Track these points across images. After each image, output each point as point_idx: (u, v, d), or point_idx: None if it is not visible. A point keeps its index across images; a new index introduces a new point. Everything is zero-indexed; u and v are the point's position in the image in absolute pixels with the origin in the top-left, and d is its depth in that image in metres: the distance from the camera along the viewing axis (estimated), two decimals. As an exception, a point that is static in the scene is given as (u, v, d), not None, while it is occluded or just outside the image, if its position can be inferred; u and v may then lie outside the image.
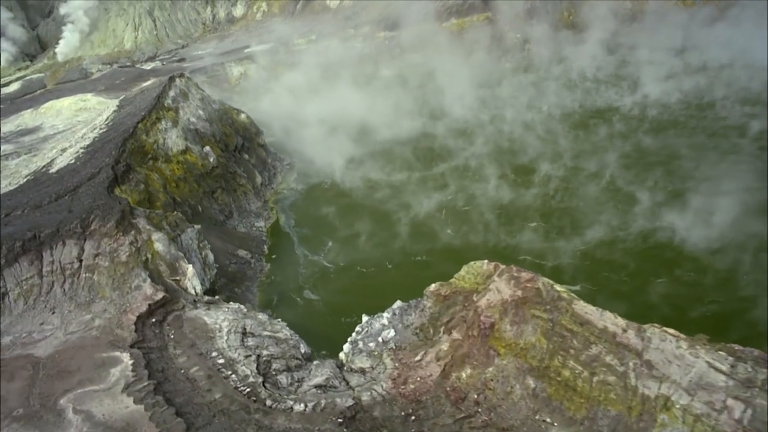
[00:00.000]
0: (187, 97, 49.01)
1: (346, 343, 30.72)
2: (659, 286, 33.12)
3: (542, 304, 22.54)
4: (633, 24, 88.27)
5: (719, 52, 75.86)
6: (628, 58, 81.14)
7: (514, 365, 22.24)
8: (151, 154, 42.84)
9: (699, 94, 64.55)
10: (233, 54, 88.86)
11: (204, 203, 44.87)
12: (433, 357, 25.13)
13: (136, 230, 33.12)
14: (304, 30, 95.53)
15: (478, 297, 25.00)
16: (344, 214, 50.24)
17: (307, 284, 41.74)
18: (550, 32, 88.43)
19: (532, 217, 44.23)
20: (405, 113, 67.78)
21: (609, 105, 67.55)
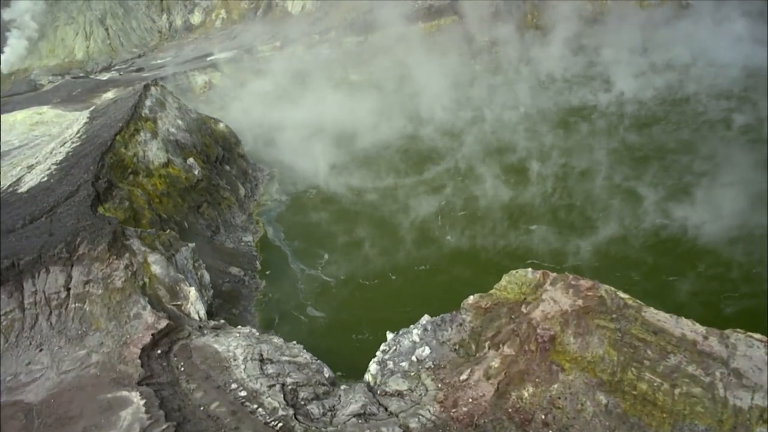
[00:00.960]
0: (164, 106, 45.48)
1: (372, 364, 28.31)
2: (686, 282, 32.19)
3: (607, 313, 20.90)
4: (595, 25, 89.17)
5: (681, 50, 77.38)
6: (594, 59, 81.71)
7: (582, 380, 20.46)
8: (131, 168, 39.25)
9: (671, 91, 65.24)
10: (196, 62, 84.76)
11: (190, 219, 41.52)
12: (481, 375, 23.07)
13: (131, 252, 29.75)
14: (267, 37, 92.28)
15: (528, 308, 23.15)
16: (336, 223, 47.72)
17: (309, 300, 39.01)
18: (516, 34, 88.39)
19: (537, 217, 42.97)
20: (384, 117, 65.70)
21: (584, 103, 67.45)
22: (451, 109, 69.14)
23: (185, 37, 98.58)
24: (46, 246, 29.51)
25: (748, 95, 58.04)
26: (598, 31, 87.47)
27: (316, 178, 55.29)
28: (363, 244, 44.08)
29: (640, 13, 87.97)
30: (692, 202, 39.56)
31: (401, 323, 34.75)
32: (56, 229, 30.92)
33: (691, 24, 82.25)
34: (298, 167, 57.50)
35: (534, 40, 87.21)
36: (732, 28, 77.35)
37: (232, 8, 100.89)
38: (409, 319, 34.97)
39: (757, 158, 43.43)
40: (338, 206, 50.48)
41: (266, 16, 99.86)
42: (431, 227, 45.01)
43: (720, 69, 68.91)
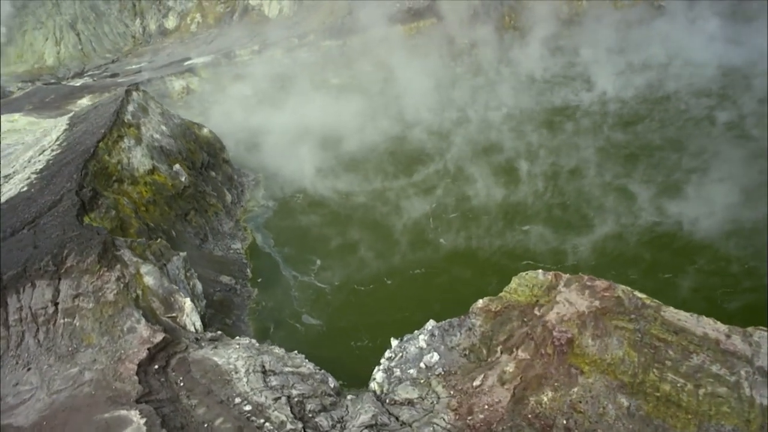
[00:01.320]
0: (147, 111, 43.98)
1: (378, 372, 27.52)
2: (686, 279, 32.15)
3: (625, 313, 20.48)
4: (572, 26, 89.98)
5: (657, 50, 78.45)
6: (573, 59, 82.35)
7: (603, 383, 19.98)
8: (115, 176, 37.74)
9: (652, 89, 65.93)
10: (172, 67, 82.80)
11: (177, 227, 40.14)
12: (495, 381, 22.47)
13: (122, 264, 28.40)
14: (245, 41, 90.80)
15: (542, 311, 22.63)
16: (326, 228, 46.78)
17: (304, 308, 38.00)
18: (495, 35, 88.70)
19: (532, 217, 42.66)
20: (369, 120, 64.94)
21: (567, 103, 67.72)
22: (435, 110, 68.84)
23: (160, 41, 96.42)
24: (31, 259, 28.00)
25: (727, 93, 58.93)
26: (575, 31, 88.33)
27: (302, 183, 54.26)
28: (355, 249, 43.27)
29: (614, 14, 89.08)
30: (685, 199, 39.73)
31: (401, 328, 34.05)
32: (41, 241, 29.40)
33: (666, 23, 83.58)
34: (283, 172, 56.40)
35: (513, 42, 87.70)
36: (705, 27, 78.76)
37: (207, 12, 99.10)
38: (408, 324, 34.28)
39: (744, 154, 43.92)
40: (327, 210, 49.56)
41: (243, 20, 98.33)
42: (424, 229, 44.43)
43: (696, 68, 69.91)
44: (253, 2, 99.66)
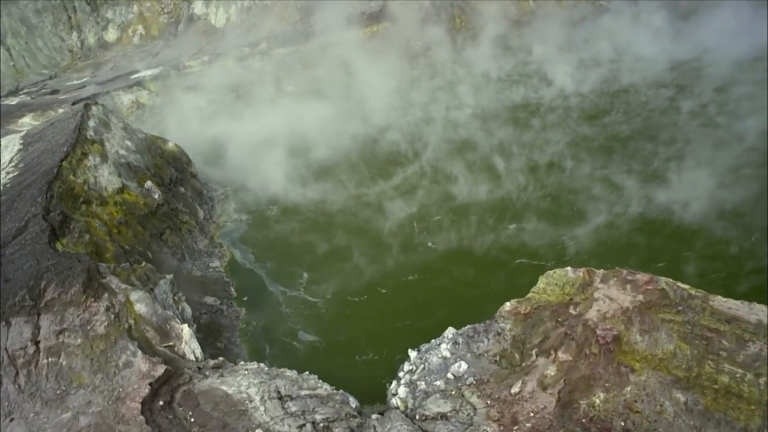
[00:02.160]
0: (109, 126, 40.68)
1: (399, 387, 25.88)
2: (690, 264, 32.15)
3: (671, 305, 19.75)
4: (522, 26, 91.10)
5: (604, 46, 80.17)
6: (526, 58, 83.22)
7: (656, 379, 19.13)
8: (83, 197, 34.48)
9: (608, 84, 67.16)
10: (119, 81, 78.24)
11: (153, 248, 37.16)
12: (536, 386, 21.29)
13: (110, 292, 25.58)
14: (194, 51, 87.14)
15: (578, 309, 21.64)
16: (308, 239, 44.70)
17: (298, 324, 35.84)
18: (447, 37, 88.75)
19: (520, 212, 42.07)
20: (335, 125, 63.14)
21: (527, 100, 68.03)
22: (399, 112, 67.84)
23: (101, 55, 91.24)
24: (4, 295, 24.79)
25: (683, 84, 60.65)
26: (525, 31, 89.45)
27: (274, 194, 51.89)
28: (342, 258, 41.47)
29: (561, 13, 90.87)
30: (669, 185, 40.15)
31: (406, 338, 32.62)
32: (11, 274, 26.15)
33: (610, 21, 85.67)
34: (252, 184, 53.83)
35: (465, 42, 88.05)
36: (649, 24, 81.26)
37: (150, 24, 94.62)
38: (413, 333, 32.91)
39: (714, 140, 44.97)
40: (305, 221, 47.45)
41: (189, 30, 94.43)
42: (411, 233, 43.09)
43: (646, 63, 71.87)
44: (199, 12, 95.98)
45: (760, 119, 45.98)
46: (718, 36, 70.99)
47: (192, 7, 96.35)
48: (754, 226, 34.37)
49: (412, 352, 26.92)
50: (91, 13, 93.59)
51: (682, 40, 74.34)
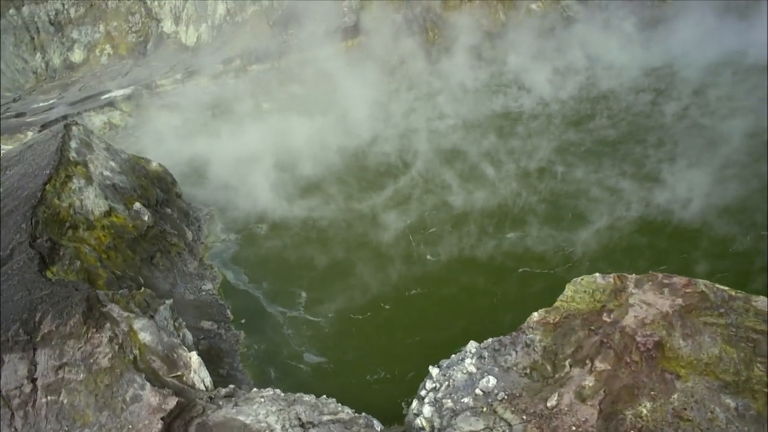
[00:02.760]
0: (91, 147, 38.66)
1: (423, 406, 24.62)
2: (700, 264, 31.99)
3: (713, 308, 19.19)
4: (493, 38, 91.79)
5: (576, 55, 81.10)
6: (501, 68, 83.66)
7: (703, 385, 18.46)
8: (68, 222, 32.44)
9: (586, 90, 67.73)
10: (89, 102, 75.58)
11: (144, 273, 35.23)
12: (573, 398, 20.40)
13: (112, 321, 23.76)
14: (165, 70, 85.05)
15: (613, 316, 20.92)
16: (302, 258, 43.26)
17: (303, 346, 34.31)
18: (421, 50, 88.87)
19: (520, 219, 41.50)
20: (318, 140, 61.91)
21: (508, 109, 68.15)
22: (381, 125, 67.08)
23: (67, 76, 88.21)
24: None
25: (661, 89, 61.54)
26: (497, 42, 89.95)
27: (262, 212, 50.29)
28: (340, 276, 40.15)
29: (531, 23, 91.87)
30: (664, 187, 40.20)
31: (415, 354, 31.65)
32: (1, 307, 24.09)
33: (581, 29, 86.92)
34: (237, 203, 52.14)
35: (439, 55, 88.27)
36: (618, 32, 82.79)
37: (118, 43, 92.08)
38: (424, 348, 31.90)
39: (702, 142, 45.32)
40: (297, 238, 46.00)
41: (158, 49, 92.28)
42: (409, 246, 42.08)
43: (619, 70, 72.79)
44: (168, 30, 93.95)
45: (743, 119, 46.77)
46: (686, 42, 72.68)
47: (161, 25, 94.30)
48: (756, 222, 34.56)
49: (433, 369, 25.76)
50: (56, 33, 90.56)
51: (653, 47, 75.89)
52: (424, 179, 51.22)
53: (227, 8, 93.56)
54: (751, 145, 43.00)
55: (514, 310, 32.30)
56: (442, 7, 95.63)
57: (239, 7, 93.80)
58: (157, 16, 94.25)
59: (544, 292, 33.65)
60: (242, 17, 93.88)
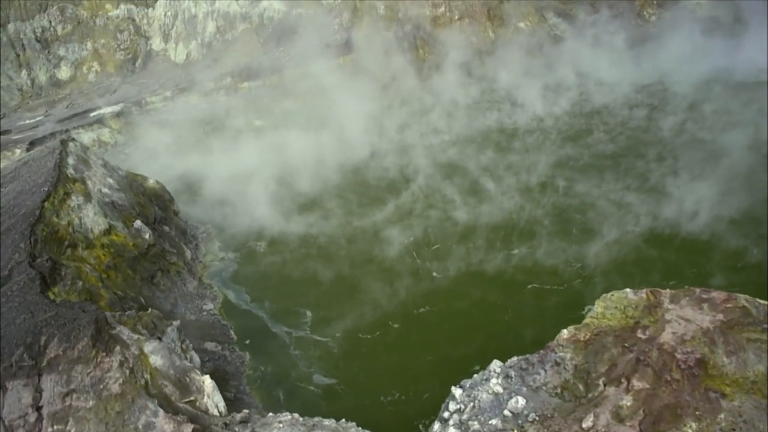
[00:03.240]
0: (89, 164, 37.40)
1: (448, 428, 23.61)
2: (716, 277, 31.64)
3: (755, 323, 18.67)
4: (483, 55, 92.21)
5: (566, 72, 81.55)
6: (492, 85, 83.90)
7: (751, 404, 17.84)
8: (67, 241, 31.09)
9: (579, 106, 68.01)
10: (77, 119, 74.00)
11: (145, 293, 33.89)
12: (610, 418, 19.62)
13: (122, 344, 22.49)
14: (155, 87, 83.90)
15: (649, 332, 20.28)
16: (304, 276, 42.16)
17: (311, 367, 33.10)
18: (412, 67, 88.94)
19: (526, 234, 41.07)
20: (314, 157, 61.07)
21: (502, 125, 68.02)
22: (376, 142, 66.46)
23: (54, 93, 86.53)
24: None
25: (654, 104, 62.06)
26: (487, 60, 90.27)
27: (260, 229, 49.21)
28: (345, 294, 39.11)
29: (519, 41, 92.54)
30: (671, 200, 40.16)
31: (429, 374, 30.82)
32: (2, 330, 22.70)
33: (570, 46, 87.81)
34: (234, 221, 51.01)
35: (430, 72, 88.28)
36: (610, 48, 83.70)
37: (106, 60, 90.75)
38: (438, 368, 31.06)
39: (703, 155, 45.60)
40: (298, 256, 44.90)
41: (147, 66, 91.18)
42: (414, 263, 41.26)
43: (610, 86, 73.14)
44: (157, 48, 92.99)
45: (741, 133, 47.10)
46: (675, 60, 73.62)
47: (150, 43, 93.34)
48: (764, 234, 34.47)
49: (456, 390, 24.82)
50: (42, 50, 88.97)
51: (642, 64, 76.74)
52: (424, 194, 50.65)
53: (217, 26, 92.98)
54: (751, 157, 43.25)
55: (533, 327, 31.63)
56: (431, 24, 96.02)
57: (229, 24, 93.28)
58: (146, 33, 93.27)
59: (560, 307, 33.10)
60: (232, 35, 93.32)
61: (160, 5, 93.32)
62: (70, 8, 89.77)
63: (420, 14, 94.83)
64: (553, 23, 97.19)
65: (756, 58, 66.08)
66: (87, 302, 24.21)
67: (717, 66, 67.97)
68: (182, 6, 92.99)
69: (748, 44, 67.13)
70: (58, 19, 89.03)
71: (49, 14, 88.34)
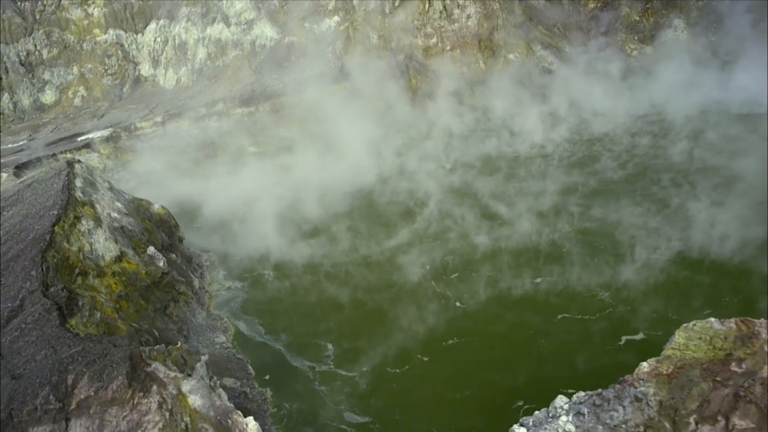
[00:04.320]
0: (96, 186, 34.90)
1: (515, 473, 21.67)
2: (760, 303, 30.58)
3: None
4: (475, 85, 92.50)
5: (560, 101, 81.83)
6: (485, 114, 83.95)
7: None
8: (78, 268, 28.48)
9: (579, 134, 67.98)
10: (64, 144, 70.93)
11: (158, 324, 31.24)
12: (707, 459, 17.95)
13: (159, 383, 20.01)
14: (145, 113, 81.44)
15: (746, 366, 18.82)
16: (318, 306, 39.88)
17: (341, 404, 30.67)
18: (406, 96, 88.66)
19: (550, 259, 39.63)
20: (316, 184, 59.26)
21: (502, 152, 67.33)
22: (375, 169, 65.02)
23: (38, 117, 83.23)
24: (18, 396, 18.71)
25: (655, 132, 62.29)
26: (479, 89, 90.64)
27: (266, 257, 46.93)
28: (365, 326, 36.97)
29: (510, 71, 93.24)
30: (696, 225, 39.31)
31: (468, 410, 29.04)
32: (21, 368, 20.05)
33: (561, 77, 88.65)
34: (237, 249, 48.70)
35: (424, 101, 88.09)
36: (601, 78, 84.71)
37: (92, 85, 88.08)
38: (474, 403, 29.20)
39: (720, 181, 45.17)
40: (307, 286, 42.62)
41: (135, 91, 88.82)
42: (433, 293, 39.42)
43: (606, 116, 73.41)
44: (146, 73, 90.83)
45: (753, 159, 47.04)
46: (668, 91, 74.63)
47: (138, 68, 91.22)
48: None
49: (519, 429, 22.82)
50: (26, 74, 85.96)
51: (636, 95, 77.58)
52: (435, 219, 49.24)
53: (208, 52, 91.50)
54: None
55: (575, 357, 30.05)
56: (423, 54, 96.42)
57: (220, 51, 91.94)
58: (134, 59, 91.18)
59: (601, 334, 31.72)
60: (223, 61, 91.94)
61: (149, 31, 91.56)
62: (57, 32, 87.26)
63: (412, 44, 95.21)
64: (541, 55, 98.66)
65: (748, 89, 67.43)
66: (119, 336, 21.69)
67: (710, 98, 69.06)
68: (172, 32, 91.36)
69: (742, 77, 68.47)
70: (44, 43, 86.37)
71: (35, 38, 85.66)
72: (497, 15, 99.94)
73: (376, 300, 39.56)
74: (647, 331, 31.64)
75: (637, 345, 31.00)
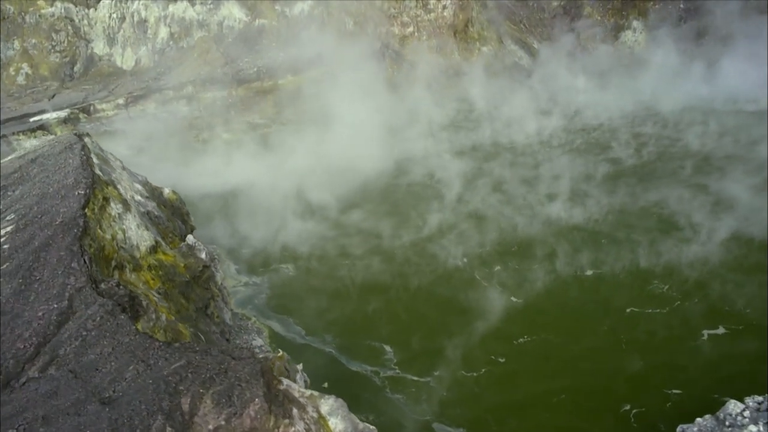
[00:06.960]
0: (110, 164, 28.65)
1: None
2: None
3: None
4: (450, 77, 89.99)
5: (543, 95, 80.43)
6: (467, 106, 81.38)
7: None
8: (114, 260, 22.71)
9: (572, 123, 66.47)
10: (14, 124, 61.65)
11: (201, 326, 25.79)
12: None
13: (297, 406, 15.17)
14: (103, 94, 72.77)
15: None
16: (357, 302, 35.42)
17: (427, 415, 26.43)
18: (383, 85, 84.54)
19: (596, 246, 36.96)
20: (309, 172, 53.95)
21: (498, 142, 64.67)
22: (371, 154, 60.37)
23: (-26, 96, 72.54)
24: (123, 429, 13.39)
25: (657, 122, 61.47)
26: (455, 80, 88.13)
27: (281, 250, 41.87)
28: (418, 325, 32.81)
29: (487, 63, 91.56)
30: (744, 207, 37.96)
31: (570, 412, 25.63)
32: (108, 389, 14.64)
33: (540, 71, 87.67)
34: (242, 241, 43.39)
35: (401, 89, 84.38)
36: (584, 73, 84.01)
37: (38, 62, 78.02)
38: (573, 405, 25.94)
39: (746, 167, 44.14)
40: (338, 279, 37.99)
41: (90, 72, 79.67)
42: (479, 286, 35.77)
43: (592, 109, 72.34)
44: (100, 52, 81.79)
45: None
46: (653, 87, 74.65)
47: (91, 46, 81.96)
48: None
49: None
50: (-43, 48, 74.88)
51: (618, 89, 77.18)
52: (452, 206, 45.70)
53: (170, 32, 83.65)
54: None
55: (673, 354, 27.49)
56: (399, 43, 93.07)
57: (184, 31, 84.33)
58: (86, 35, 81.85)
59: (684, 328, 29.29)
60: (188, 42, 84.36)
61: (103, 6, 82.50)
62: (-6, 1, 76.65)
63: (389, 32, 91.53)
64: (511, 50, 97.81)
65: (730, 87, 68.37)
66: (243, 348, 16.70)
67: (697, 94, 69.34)
68: (130, 8, 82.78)
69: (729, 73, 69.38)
70: (-21, 13, 75.58)
71: (-31, 6, 74.74)
72: (471, 7, 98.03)
73: (419, 296, 35.60)
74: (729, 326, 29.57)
75: (719, 339, 28.87)
